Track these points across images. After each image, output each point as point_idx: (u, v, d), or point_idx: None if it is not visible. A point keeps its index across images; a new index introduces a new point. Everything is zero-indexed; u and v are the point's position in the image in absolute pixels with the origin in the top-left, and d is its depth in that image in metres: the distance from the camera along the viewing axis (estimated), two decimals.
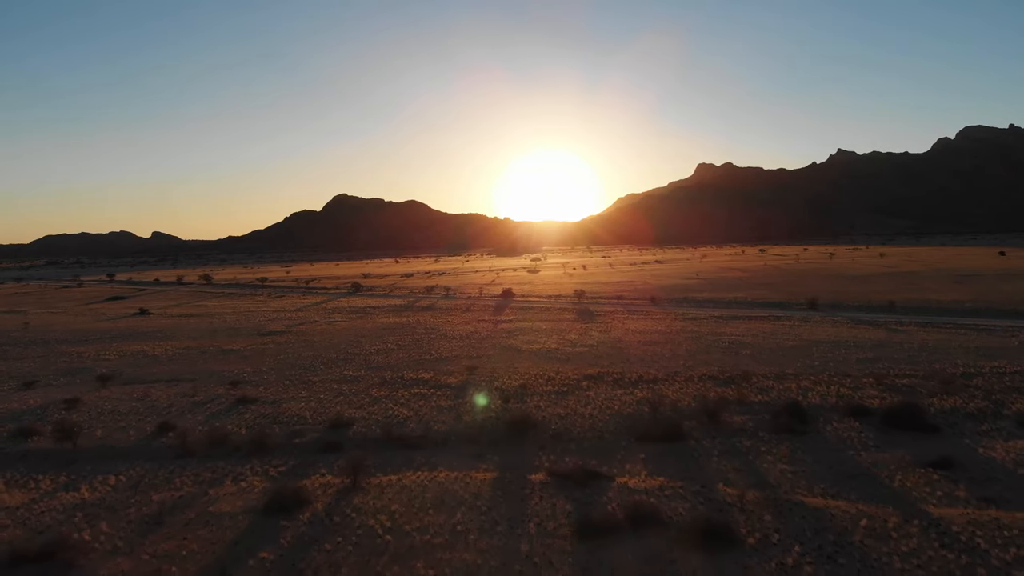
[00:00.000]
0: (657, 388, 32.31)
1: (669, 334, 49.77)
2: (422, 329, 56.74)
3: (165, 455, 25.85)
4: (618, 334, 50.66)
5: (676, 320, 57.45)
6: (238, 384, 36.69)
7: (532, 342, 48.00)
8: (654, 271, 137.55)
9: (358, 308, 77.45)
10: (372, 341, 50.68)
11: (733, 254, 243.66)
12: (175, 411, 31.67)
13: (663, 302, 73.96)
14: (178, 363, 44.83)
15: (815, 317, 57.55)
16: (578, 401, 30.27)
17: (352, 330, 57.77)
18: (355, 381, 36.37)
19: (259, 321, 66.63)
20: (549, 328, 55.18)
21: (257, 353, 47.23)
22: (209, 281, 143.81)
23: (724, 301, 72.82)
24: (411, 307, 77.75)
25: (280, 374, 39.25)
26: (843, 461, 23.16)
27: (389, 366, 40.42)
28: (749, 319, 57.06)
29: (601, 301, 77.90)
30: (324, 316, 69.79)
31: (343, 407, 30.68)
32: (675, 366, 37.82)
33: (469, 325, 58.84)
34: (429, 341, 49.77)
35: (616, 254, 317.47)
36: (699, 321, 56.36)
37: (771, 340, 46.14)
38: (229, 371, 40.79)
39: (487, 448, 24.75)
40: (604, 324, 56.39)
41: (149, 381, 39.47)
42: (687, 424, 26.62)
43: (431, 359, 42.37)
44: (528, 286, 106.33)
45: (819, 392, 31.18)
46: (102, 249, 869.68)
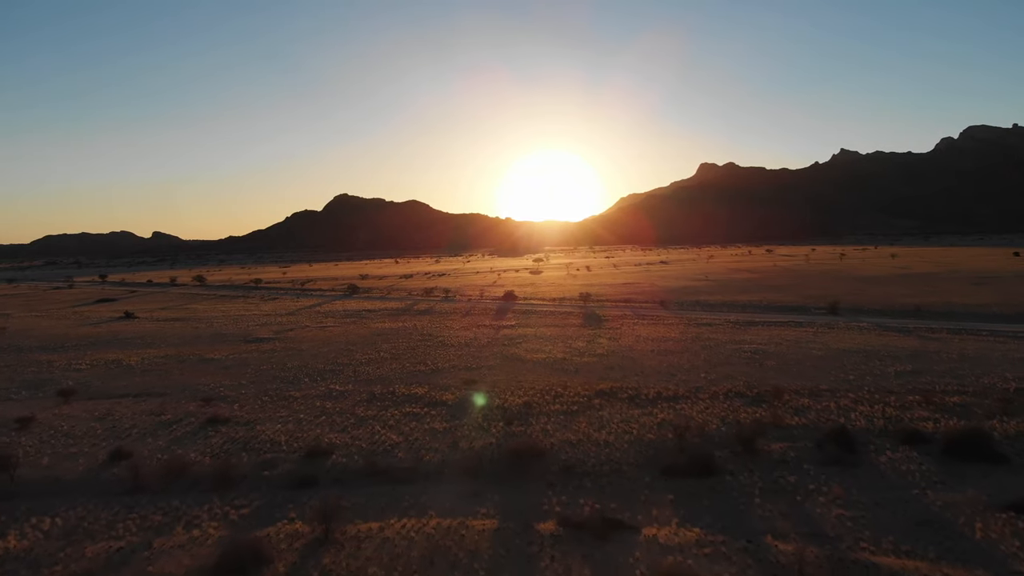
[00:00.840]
0: (679, 408, 28.68)
1: (684, 342, 46.13)
2: (418, 335, 53.15)
3: (114, 490, 22.29)
4: (629, 342, 47.04)
5: (690, 326, 53.81)
6: (211, 401, 33.10)
7: (536, 351, 44.40)
8: (660, 272, 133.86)
9: (353, 312, 73.86)
10: (364, 349, 47.09)
11: (739, 254, 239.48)
12: (136, 434, 28.08)
13: (673, 306, 70.31)
14: (152, 374, 41.28)
15: (838, 323, 53.89)
16: (590, 423, 26.64)
17: (344, 336, 54.20)
18: (341, 397, 32.77)
19: (247, 326, 63.07)
20: (554, 335, 51.58)
21: (239, 363, 43.65)
22: (202, 282, 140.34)
23: (738, 305, 69.15)
24: (408, 311, 74.15)
25: (260, 388, 35.66)
26: (908, 502, 19.55)
27: (380, 379, 36.82)
28: (768, 325, 53.41)
29: (608, 304, 74.25)
30: (316, 321, 66.21)
31: (324, 430, 27.07)
32: (695, 380, 34.18)
33: (469, 331, 55.26)
34: (425, 349, 46.17)
35: (619, 254, 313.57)
36: (714, 327, 52.72)
37: (796, 349, 42.49)
38: (205, 385, 37.21)
39: (486, 484, 21.15)
40: (613, 330, 52.77)
41: (116, 395, 35.93)
42: (719, 454, 23.01)
43: (426, 370, 38.77)
44: (531, 288, 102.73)
45: (863, 413, 27.54)
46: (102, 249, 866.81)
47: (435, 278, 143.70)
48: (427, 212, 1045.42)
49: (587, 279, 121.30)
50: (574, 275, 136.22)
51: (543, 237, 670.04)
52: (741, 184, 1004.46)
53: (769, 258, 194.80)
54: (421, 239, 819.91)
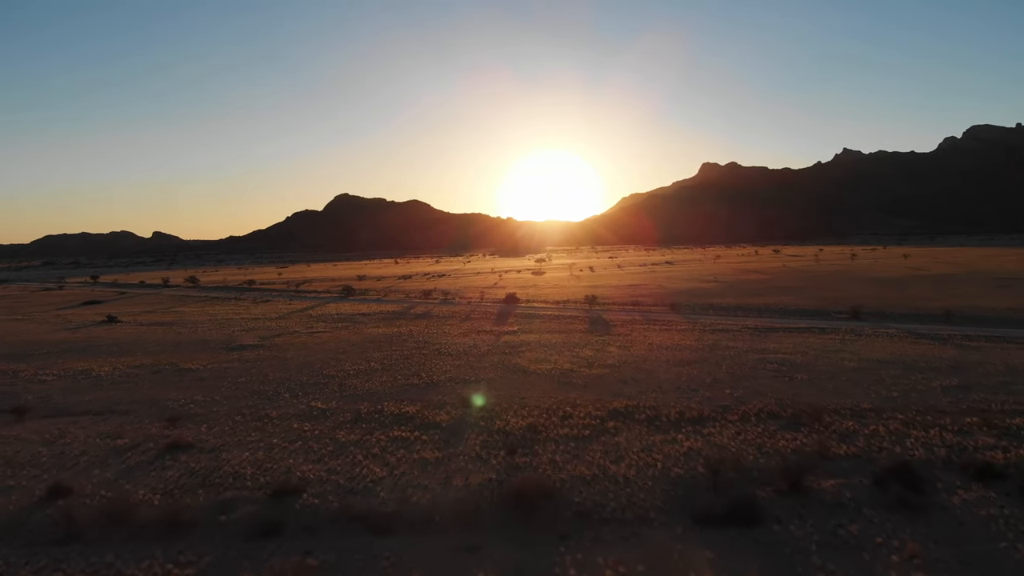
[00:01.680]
0: (707, 433, 25.02)
1: (701, 351, 42.46)
2: (414, 343, 49.52)
3: (43, 538, 18.75)
4: (641, 350, 43.37)
5: (705, 332, 50.14)
6: (177, 421, 29.47)
7: (541, 360, 40.74)
8: (667, 273, 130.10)
9: (346, 315, 70.23)
10: (354, 359, 43.46)
11: (746, 255, 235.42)
12: (84, 463, 24.47)
13: (684, 309, 66.61)
14: (121, 387, 37.67)
15: (864, 329, 50.20)
16: (606, 453, 23.00)
17: (334, 343, 50.58)
18: (322, 417, 29.13)
19: (232, 331, 59.47)
20: (559, 342, 47.93)
21: (217, 374, 40.03)
22: (195, 284, 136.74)
23: (752, 308, 65.44)
24: (404, 314, 70.51)
25: (234, 405, 32.04)
26: (999, 561, 15.97)
27: (368, 394, 33.19)
28: (789, 331, 49.74)
29: (614, 308, 70.56)
30: (306, 325, 62.59)
31: (297, 459, 23.45)
32: (720, 397, 30.52)
33: (468, 337, 51.62)
34: (420, 359, 42.53)
35: (623, 254, 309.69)
36: (732, 334, 49.04)
37: (825, 360, 38.82)
38: (175, 400, 33.59)
39: (485, 534, 17.53)
40: (623, 337, 49.10)
41: (76, 413, 32.31)
42: (761, 494, 19.40)
43: (420, 384, 35.12)
44: (533, 289, 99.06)
45: (920, 440, 23.88)
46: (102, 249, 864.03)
47: (434, 279, 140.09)
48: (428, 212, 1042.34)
49: (591, 280, 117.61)
50: (577, 276, 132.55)
51: (545, 237, 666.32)
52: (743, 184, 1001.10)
53: (777, 259, 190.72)
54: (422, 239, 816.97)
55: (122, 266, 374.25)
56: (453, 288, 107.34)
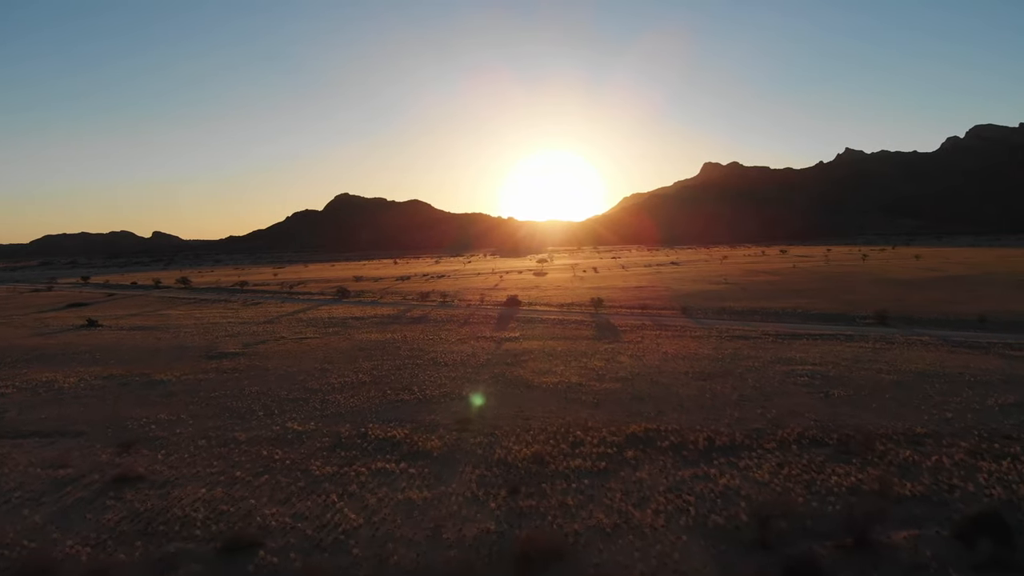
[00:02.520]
0: (743, 465, 21.36)
1: (721, 361, 38.78)
2: (407, 351, 45.88)
3: None
4: (655, 360, 39.70)
5: (722, 339, 46.46)
6: (133, 446, 25.83)
7: (546, 372, 37.09)
8: (673, 274, 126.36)
9: (338, 319, 66.59)
10: (341, 369, 39.82)
11: (753, 255, 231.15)
12: (15, 501, 20.86)
13: (696, 313, 62.94)
14: (82, 403, 34.05)
15: (894, 336, 46.51)
16: (627, 493, 19.34)
17: (322, 351, 46.95)
18: (297, 442, 25.50)
19: (216, 337, 55.86)
20: (565, 350, 44.27)
21: (189, 388, 36.40)
22: (187, 285, 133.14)
23: (769, 313, 61.74)
24: (400, 318, 66.88)
25: (200, 426, 28.40)
26: None
27: (352, 412, 29.55)
28: (814, 338, 46.06)
29: (622, 312, 66.88)
30: (295, 331, 58.96)
31: (261, 499, 19.82)
32: (752, 417, 26.86)
33: (466, 344, 48.00)
34: (413, 370, 38.88)
35: (626, 255, 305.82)
36: (753, 341, 45.36)
37: (860, 372, 35.13)
38: (136, 420, 29.96)
39: None
40: (633, 345, 45.44)
41: (25, 434, 28.69)
42: (821, 552, 15.75)
43: (411, 401, 31.47)
44: (535, 291, 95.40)
45: (993, 474, 20.23)
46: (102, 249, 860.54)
47: (433, 280, 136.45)
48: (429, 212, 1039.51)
49: (595, 282, 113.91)
50: (581, 277, 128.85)
51: (546, 237, 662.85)
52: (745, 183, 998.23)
53: (785, 259, 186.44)
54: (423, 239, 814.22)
55: (119, 266, 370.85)
56: (452, 290, 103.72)
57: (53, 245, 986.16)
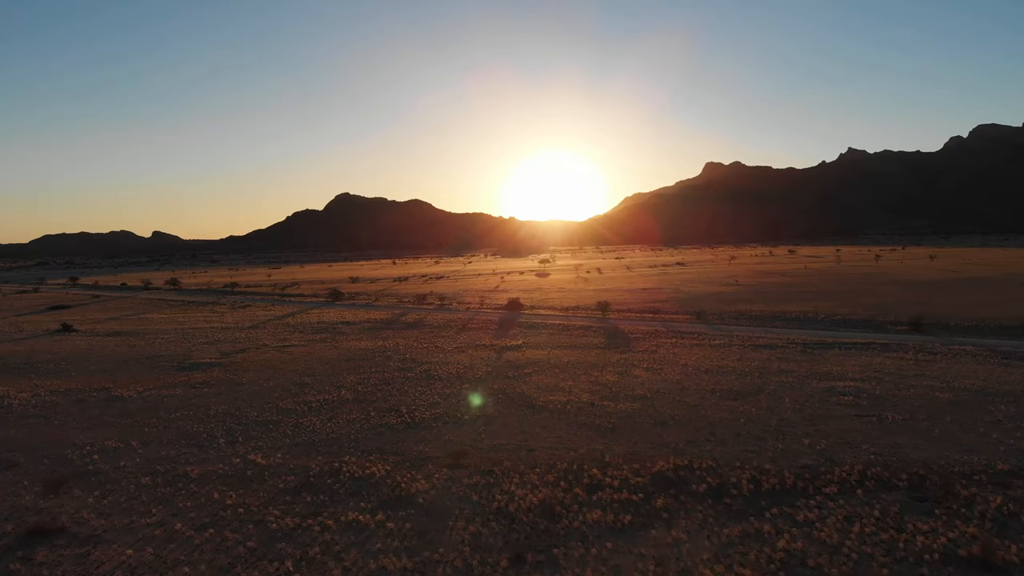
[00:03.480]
0: (802, 519, 17.13)
1: (749, 376, 34.54)
2: (398, 361, 41.68)
3: None
4: (675, 374, 35.47)
5: (746, 349, 42.21)
6: (63, 485, 21.66)
7: (552, 388, 32.89)
8: (681, 276, 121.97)
9: (328, 325, 62.38)
10: (322, 384, 35.64)
11: (761, 255, 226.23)
12: None
13: (711, 318, 58.67)
14: (27, 424, 29.90)
15: (935, 345, 42.24)
16: (662, 565, 15.13)
17: (304, 362, 42.77)
18: (257, 479, 21.33)
19: (193, 344, 51.70)
20: (573, 361, 40.04)
21: (150, 406, 32.23)
22: (176, 286, 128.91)
23: (791, 318, 57.47)
24: (393, 323, 62.66)
25: (150, 456, 24.25)
26: None
27: (328, 441, 25.36)
28: (846, 348, 41.80)
29: (632, 316, 62.59)
30: (279, 337, 54.77)
31: (198, 567, 15.64)
32: (799, 449, 22.64)
33: (463, 354, 43.80)
34: (403, 385, 34.68)
35: (630, 255, 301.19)
36: (779, 351, 41.10)
37: (909, 390, 30.87)
38: (79, 447, 25.80)
39: None
40: (648, 355, 41.19)
41: None
42: None
43: (398, 425, 27.27)
44: (538, 293, 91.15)
45: None
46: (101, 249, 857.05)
47: (432, 281, 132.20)
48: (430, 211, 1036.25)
49: (600, 283, 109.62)
50: (585, 278, 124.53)
51: (547, 237, 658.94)
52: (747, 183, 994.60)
53: (795, 259, 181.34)
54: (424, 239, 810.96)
55: (116, 266, 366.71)
56: (451, 292, 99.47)
57: (52, 245, 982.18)
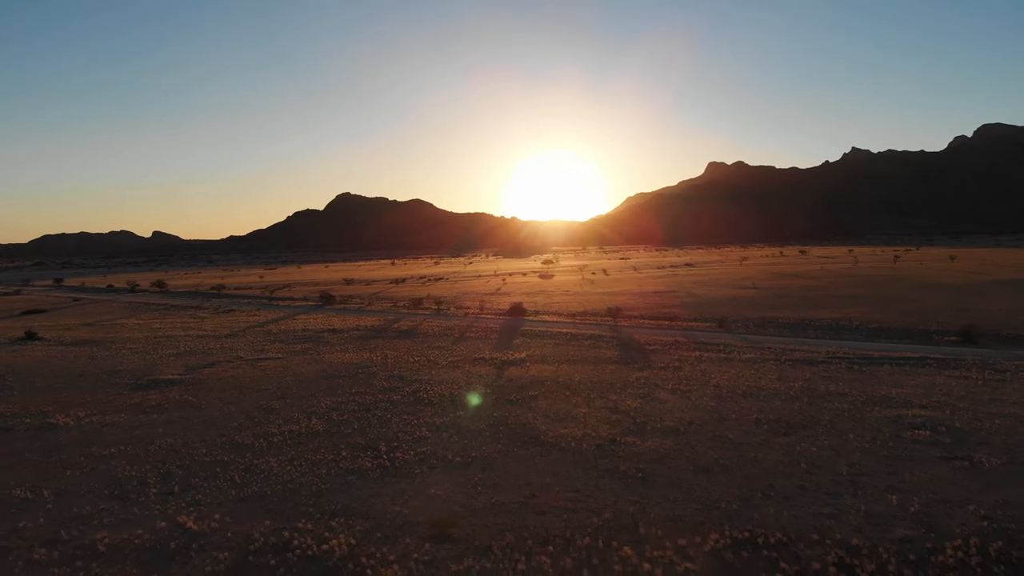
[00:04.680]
0: None
1: (796, 400, 29.23)
2: (384, 379, 36.42)
3: None
4: (707, 398, 30.17)
5: (783, 365, 36.88)
6: None
7: (563, 417, 27.62)
8: (692, 278, 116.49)
9: (312, 333, 57.13)
10: (292, 409, 30.39)
11: (772, 255, 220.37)
12: None
13: (735, 326, 53.41)
14: None
15: (998, 361, 36.90)
16: None
17: (277, 380, 37.51)
18: (179, 557, 16.05)
19: (160, 357, 46.48)
20: (585, 380, 34.76)
21: (85, 439, 27.00)
22: (163, 289, 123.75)
23: (823, 327, 52.17)
24: (384, 331, 57.45)
25: (58, 514, 19.00)
26: None
27: (282, 494, 20.11)
28: (898, 364, 36.48)
29: (646, 324, 57.32)
30: (256, 347, 49.53)
31: None
32: (886, 513, 17.33)
33: (459, 370, 38.55)
34: (386, 412, 29.42)
35: (635, 255, 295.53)
36: (823, 368, 35.77)
37: (992, 420, 25.56)
38: None
39: None
40: (672, 372, 35.88)
41: None
42: None
43: (373, 470, 22.01)
44: (542, 297, 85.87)
45: None
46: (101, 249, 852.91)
47: (430, 283, 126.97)
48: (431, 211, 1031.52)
49: (607, 286, 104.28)
50: (591, 280, 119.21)
51: (549, 237, 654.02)
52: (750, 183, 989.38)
53: (808, 260, 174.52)
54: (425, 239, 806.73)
55: (112, 267, 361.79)
56: (449, 295, 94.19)
57: (52, 245, 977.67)
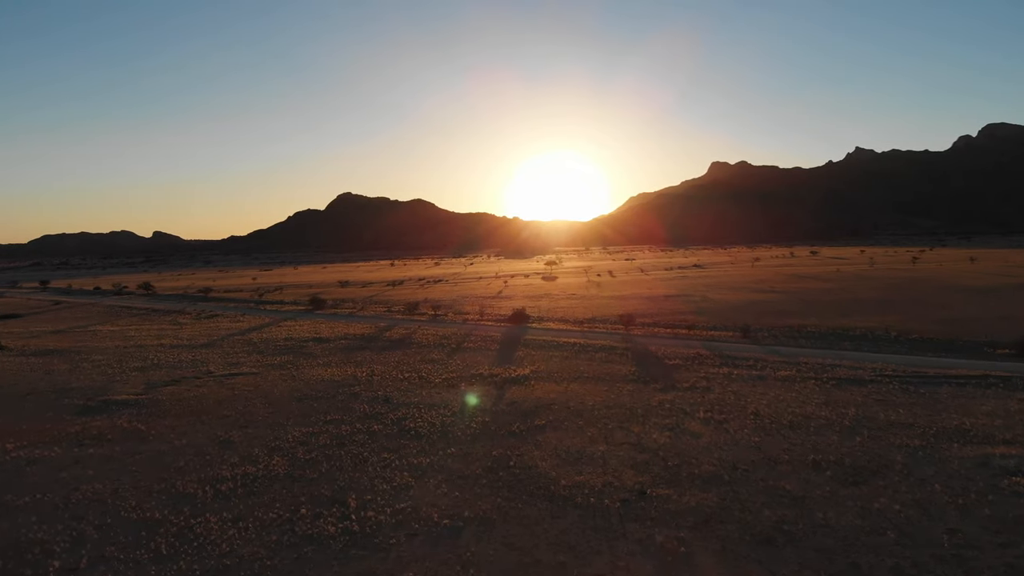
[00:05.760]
0: None
1: (855, 434, 24.25)
2: (366, 402, 31.52)
3: None
4: (748, 430, 25.18)
5: (827, 385, 31.87)
6: None
7: (578, 458, 22.69)
8: (704, 280, 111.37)
9: (295, 343, 52.23)
10: (253, 443, 25.48)
11: (782, 256, 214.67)
12: None
13: (761, 336, 48.45)
14: None
15: None
16: None
17: (244, 403, 32.61)
18: None
19: (120, 372, 41.60)
20: (601, 404, 29.80)
21: None
22: (149, 292, 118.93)
23: (858, 336, 47.20)
24: (375, 341, 52.56)
25: None
26: None
27: (213, 573, 15.21)
28: (958, 385, 31.49)
29: (661, 332, 52.35)
30: (230, 361, 44.61)
31: None
32: None
33: (453, 390, 33.65)
34: (362, 448, 24.51)
35: (640, 256, 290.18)
36: (874, 389, 30.77)
37: None
38: None
39: None
40: (701, 394, 30.89)
41: None
42: None
43: (335, 538, 17.07)
44: (546, 301, 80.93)
45: None
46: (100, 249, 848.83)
47: (428, 286, 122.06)
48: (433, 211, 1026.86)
49: (615, 289, 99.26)
50: (596, 283, 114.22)
51: (551, 237, 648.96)
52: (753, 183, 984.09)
53: (821, 261, 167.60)
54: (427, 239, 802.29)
55: (107, 268, 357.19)
56: (447, 299, 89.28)
57: (52, 245, 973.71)
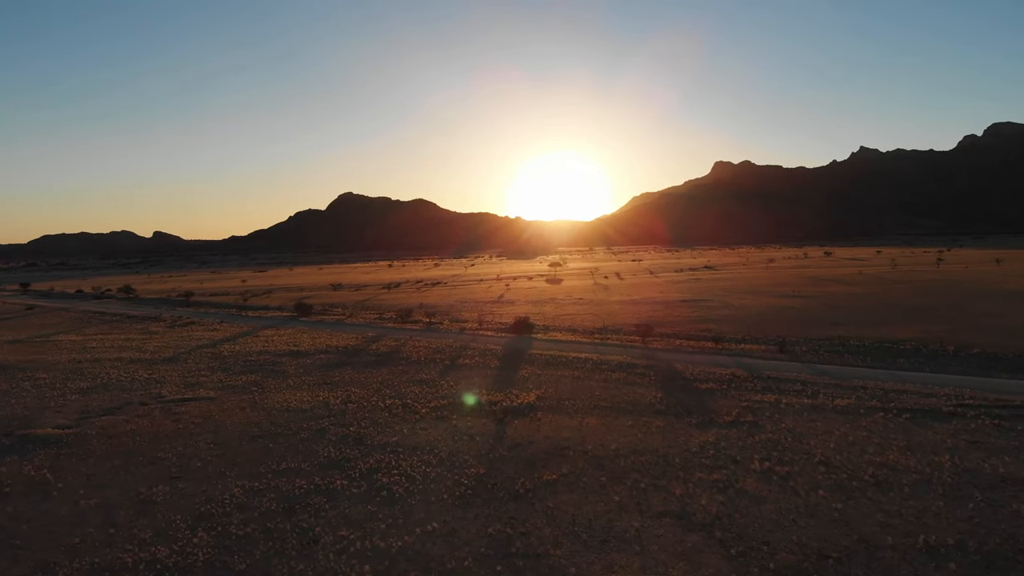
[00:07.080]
0: None
1: (959, 497, 18.19)
2: (331, 446, 25.48)
3: None
4: (824, 493, 19.05)
5: (902, 420, 25.82)
6: None
7: (603, 541, 16.65)
8: (718, 282, 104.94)
9: (270, 357, 46.16)
10: (175, 511, 19.49)
11: (795, 257, 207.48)
12: None
13: (802, 351, 42.32)
14: None
15: None
16: None
17: (186, 441, 26.60)
18: None
19: (62, 394, 35.61)
20: (626, 449, 23.76)
21: None
22: (129, 295, 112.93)
23: (904, 350, 41.08)
24: (358, 355, 46.54)
25: None
26: None
27: None
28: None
29: (684, 346, 46.21)
30: (188, 382, 38.59)
31: None
32: None
33: (442, 425, 27.63)
34: (316, 519, 18.50)
35: (646, 256, 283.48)
36: (963, 426, 24.70)
37: None
38: None
39: None
40: (749, 432, 24.82)
41: None
42: None
43: None
44: (551, 307, 74.84)
45: None
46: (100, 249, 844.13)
47: (426, 289, 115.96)
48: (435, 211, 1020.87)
49: (624, 292, 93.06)
50: (604, 286, 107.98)
51: (553, 237, 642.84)
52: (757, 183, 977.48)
53: (837, 263, 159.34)
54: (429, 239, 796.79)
55: (103, 268, 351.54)
56: (445, 304, 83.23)
57: (52, 245, 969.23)
